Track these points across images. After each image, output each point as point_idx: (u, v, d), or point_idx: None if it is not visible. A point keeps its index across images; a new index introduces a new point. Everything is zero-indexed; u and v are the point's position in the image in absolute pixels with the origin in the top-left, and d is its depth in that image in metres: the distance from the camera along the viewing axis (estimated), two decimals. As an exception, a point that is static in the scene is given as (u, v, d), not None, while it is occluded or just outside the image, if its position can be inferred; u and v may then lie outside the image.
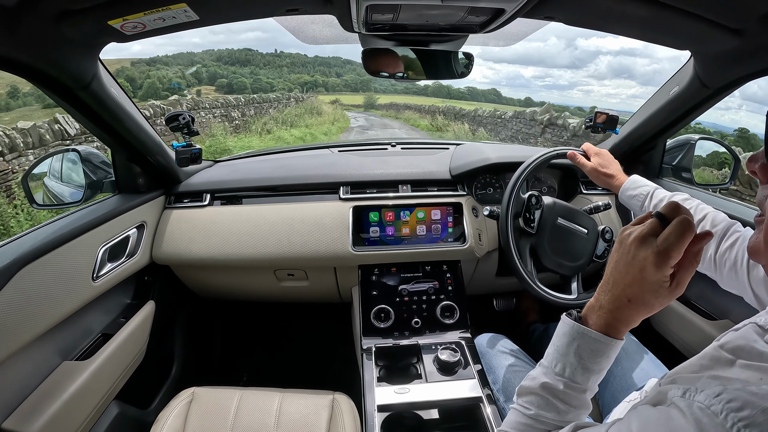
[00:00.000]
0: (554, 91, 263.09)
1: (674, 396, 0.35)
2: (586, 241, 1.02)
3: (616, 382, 0.87)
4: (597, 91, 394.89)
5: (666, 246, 0.42)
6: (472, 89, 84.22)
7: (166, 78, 40.93)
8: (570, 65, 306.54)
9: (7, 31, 0.58)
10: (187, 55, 71.36)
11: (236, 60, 75.75)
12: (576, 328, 0.49)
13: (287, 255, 1.11)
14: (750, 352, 0.38)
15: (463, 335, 1.07)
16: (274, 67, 79.22)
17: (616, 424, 0.38)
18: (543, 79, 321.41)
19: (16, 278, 0.71)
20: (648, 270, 0.43)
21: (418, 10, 0.71)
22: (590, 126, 1.11)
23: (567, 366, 0.49)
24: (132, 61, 52.14)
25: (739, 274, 0.66)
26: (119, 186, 1.09)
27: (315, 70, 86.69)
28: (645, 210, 0.86)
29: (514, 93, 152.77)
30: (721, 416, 0.30)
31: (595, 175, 0.99)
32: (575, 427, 0.45)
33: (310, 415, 0.87)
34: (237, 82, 53.91)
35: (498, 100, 70.35)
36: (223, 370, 1.59)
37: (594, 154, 1.01)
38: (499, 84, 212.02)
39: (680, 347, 1.09)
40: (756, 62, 0.75)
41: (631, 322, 0.47)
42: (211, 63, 67.64)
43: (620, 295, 0.46)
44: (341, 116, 18.57)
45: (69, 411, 0.80)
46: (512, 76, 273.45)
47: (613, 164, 0.98)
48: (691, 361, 0.44)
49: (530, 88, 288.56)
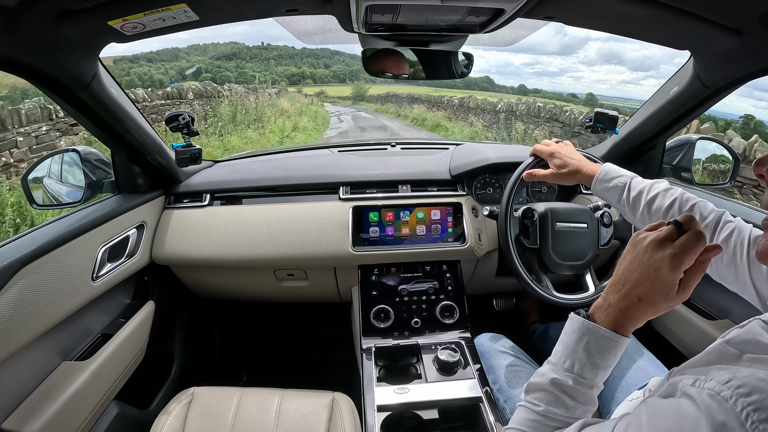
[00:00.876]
0: (544, 78, 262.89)
1: (684, 386, 0.36)
2: (589, 235, 1.03)
3: (615, 382, 0.87)
4: (587, 77, 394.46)
5: (682, 249, 0.45)
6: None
7: (147, 75, 40.44)
8: (560, 52, 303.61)
9: (7, 31, 0.58)
10: (172, 50, 70.49)
11: (222, 54, 75.01)
12: (586, 324, 0.50)
13: (287, 255, 1.11)
14: (756, 345, 0.39)
15: (462, 335, 1.07)
16: (260, 60, 78.05)
17: (625, 418, 0.39)
18: (533, 66, 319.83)
19: (16, 278, 0.71)
20: (663, 270, 0.45)
21: (417, 10, 0.71)
22: (590, 126, 1.10)
23: (576, 362, 0.50)
24: (114, 59, 51.65)
25: (738, 269, 0.65)
26: (119, 186, 1.09)
27: (303, 62, 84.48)
28: (623, 202, 0.80)
29: (504, 80, 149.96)
30: (731, 401, 0.31)
31: (557, 179, 0.89)
32: (583, 424, 0.46)
33: (309, 414, 0.87)
34: (221, 76, 53.13)
35: (491, 87, 66.62)
36: (223, 370, 1.59)
37: (549, 156, 0.91)
38: (489, 72, 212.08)
39: (680, 347, 1.09)
40: (756, 62, 0.75)
41: (637, 321, 0.48)
42: (196, 59, 66.88)
43: (631, 293, 0.48)
44: (314, 115, 13.99)
45: (69, 411, 0.80)
46: (502, 64, 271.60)
47: (573, 157, 0.88)
48: (698, 357, 0.44)
49: (520, 76, 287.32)
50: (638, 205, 0.77)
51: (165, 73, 47.01)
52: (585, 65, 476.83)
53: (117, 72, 42.12)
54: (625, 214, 0.82)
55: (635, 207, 0.77)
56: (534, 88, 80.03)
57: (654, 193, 0.75)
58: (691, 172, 1.17)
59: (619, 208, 0.82)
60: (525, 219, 1.04)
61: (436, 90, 20.19)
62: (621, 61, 28.92)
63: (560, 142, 0.95)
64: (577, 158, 0.88)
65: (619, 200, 0.80)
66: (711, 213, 0.70)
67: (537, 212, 1.03)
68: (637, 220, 0.79)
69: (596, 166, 0.85)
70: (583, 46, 33.41)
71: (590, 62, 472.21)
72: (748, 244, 0.64)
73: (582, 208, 1.05)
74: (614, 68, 28.30)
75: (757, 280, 0.63)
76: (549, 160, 0.91)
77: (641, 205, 0.76)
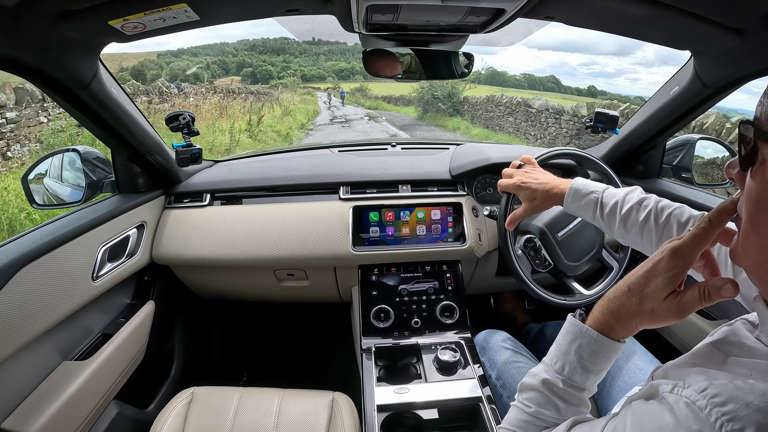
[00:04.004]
0: (600, 78, 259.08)
1: (664, 391, 0.36)
2: (587, 225, 1.04)
3: (614, 381, 0.87)
4: (644, 79, 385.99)
5: (680, 242, 0.43)
6: (529, 76, 73.58)
7: (180, 69, 40.40)
8: (616, 52, 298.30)
9: (7, 31, 0.58)
10: (220, 45, 70.07)
11: (270, 49, 74.35)
12: (579, 327, 0.49)
13: (287, 255, 1.11)
14: (741, 348, 0.39)
15: (462, 335, 1.07)
16: (310, 55, 77.37)
17: (612, 420, 0.39)
18: (589, 67, 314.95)
19: (16, 278, 0.71)
20: (663, 260, 0.43)
21: (418, 10, 0.71)
22: (590, 126, 1.10)
23: (566, 364, 0.50)
24: (159, 53, 51.84)
25: (723, 273, 0.63)
26: (119, 186, 1.09)
27: (354, 57, 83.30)
28: (597, 219, 0.75)
29: (562, 81, 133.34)
30: (706, 411, 0.31)
31: (534, 211, 0.83)
32: (573, 423, 0.46)
33: (309, 414, 0.87)
34: (261, 70, 52.38)
35: (557, 88, 61.23)
36: (223, 370, 1.59)
37: (516, 190, 0.83)
38: (544, 72, 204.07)
39: (679, 347, 1.09)
40: (756, 62, 0.75)
41: (623, 319, 0.46)
42: (243, 52, 66.27)
43: (622, 284, 0.47)
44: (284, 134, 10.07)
45: (68, 411, 0.80)
46: (557, 64, 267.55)
47: (539, 180, 0.81)
48: (683, 357, 0.44)
49: (576, 76, 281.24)
50: (613, 222, 0.73)
51: (207, 67, 46.39)
52: (642, 66, 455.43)
53: (160, 64, 40.89)
54: (603, 230, 0.78)
55: (611, 223, 0.74)
56: (601, 89, 73.41)
57: (627, 207, 0.71)
58: (691, 172, 1.17)
59: (594, 224, 0.78)
60: (529, 251, 1.03)
61: (500, 89, 18.04)
62: (679, 62, 28.04)
63: (522, 166, 0.87)
64: (543, 180, 0.81)
65: (593, 217, 0.76)
66: (689, 219, 0.66)
67: (535, 236, 1.03)
68: (615, 235, 0.75)
69: (566, 183, 0.78)
70: (640, 46, 32.93)
71: (648, 63, 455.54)
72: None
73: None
74: (672, 70, 27.93)
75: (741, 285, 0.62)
76: (518, 194, 0.84)
77: (616, 222, 0.72)
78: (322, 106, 21.57)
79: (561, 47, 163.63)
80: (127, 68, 37.11)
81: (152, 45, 27.47)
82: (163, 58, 47.63)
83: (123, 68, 36.35)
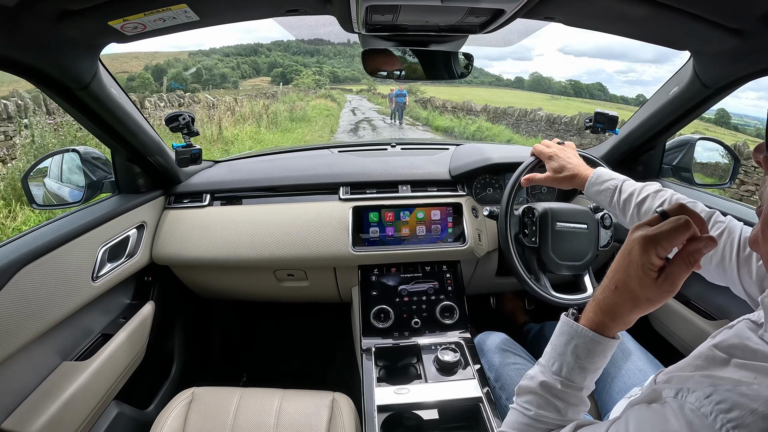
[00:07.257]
0: (637, 86, 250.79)
1: (667, 396, 0.36)
2: (589, 236, 1.03)
3: (615, 382, 0.86)
4: None
5: (656, 232, 0.42)
6: (574, 83, 68.28)
7: (205, 67, 40.14)
8: (654, 59, 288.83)
9: (7, 32, 0.58)
10: (254, 46, 69.37)
11: (304, 50, 73.70)
12: (574, 327, 0.49)
13: (287, 255, 1.11)
14: (744, 350, 0.39)
15: (462, 335, 1.07)
16: (344, 57, 76.48)
17: (615, 424, 0.39)
18: (626, 74, 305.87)
19: (16, 278, 0.71)
20: (634, 251, 0.43)
21: (417, 10, 0.71)
22: (590, 126, 1.10)
23: (564, 365, 0.49)
24: (190, 52, 51.34)
25: (728, 271, 0.64)
26: (119, 186, 1.09)
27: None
28: (614, 205, 0.80)
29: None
30: (711, 417, 0.31)
31: (553, 182, 0.89)
32: (576, 426, 0.45)
33: (309, 415, 0.87)
34: (291, 71, 51.57)
35: (604, 96, 57.03)
36: (223, 370, 1.59)
37: (548, 158, 0.90)
38: (580, 78, 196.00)
39: (680, 347, 1.09)
40: (756, 62, 0.75)
41: (618, 317, 0.46)
42: (276, 53, 65.72)
43: (609, 284, 0.46)
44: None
45: (68, 411, 0.80)
46: (593, 71, 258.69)
47: (571, 161, 0.88)
48: (686, 360, 0.44)
49: (612, 84, 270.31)
50: (628, 208, 0.77)
51: (236, 67, 45.52)
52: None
53: (191, 63, 40.09)
54: (617, 217, 0.82)
55: (625, 209, 0.77)
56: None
57: (644, 195, 0.75)
58: (691, 172, 1.17)
59: (610, 210, 0.82)
60: (525, 217, 1.04)
61: (543, 96, 15.58)
62: (717, 72, 27.77)
63: (562, 144, 0.94)
64: (575, 162, 0.87)
65: (610, 203, 0.80)
66: (701, 213, 0.67)
67: (537, 211, 1.02)
68: (628, 222, 0.78)
69: (590, 171, 0.85)
70: (678, 54, 32.26)
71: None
72: (738, 246, 0.63)
73: (582, 209, 1.05)
74: (711, 79, 27.39)
75: (745, 282, 0.62)
76: (547, 162, 0.91)
77: (631, 207, 0.76)
78: (345, 118, 15.14)
79: (598, 54, 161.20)
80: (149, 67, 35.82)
81: (187, 44, 27.69)
82: (194, 57, 47.12)
83: (147, 67, 35.35)
